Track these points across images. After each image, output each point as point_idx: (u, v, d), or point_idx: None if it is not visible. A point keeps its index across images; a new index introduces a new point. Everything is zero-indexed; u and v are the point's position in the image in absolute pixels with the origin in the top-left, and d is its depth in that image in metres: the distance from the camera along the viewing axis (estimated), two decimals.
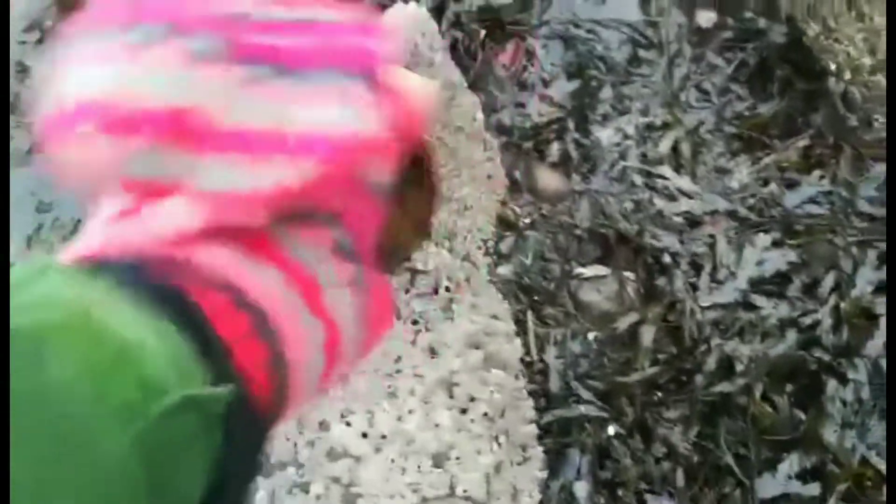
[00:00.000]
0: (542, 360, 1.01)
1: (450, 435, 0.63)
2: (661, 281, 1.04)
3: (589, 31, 1.16)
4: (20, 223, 1.11)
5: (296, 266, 0.24)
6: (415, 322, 0.63)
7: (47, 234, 1.09)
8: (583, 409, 1.00)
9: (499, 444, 0.66)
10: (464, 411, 0.64)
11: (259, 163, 0.22)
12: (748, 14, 1.16)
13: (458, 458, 0.64)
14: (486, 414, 0.64)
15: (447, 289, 0.63)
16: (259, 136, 0.23)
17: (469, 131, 0.93)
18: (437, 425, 0.63)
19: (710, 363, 1.00)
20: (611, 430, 0.99)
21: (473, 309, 0.64)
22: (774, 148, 1.10)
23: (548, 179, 1.11)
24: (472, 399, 0.63)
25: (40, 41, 1.16)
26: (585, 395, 1.01)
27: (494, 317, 0.64)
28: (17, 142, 1.13)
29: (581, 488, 0.97)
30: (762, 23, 1.15)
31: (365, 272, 0.27)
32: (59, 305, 0.19)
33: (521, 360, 0.77)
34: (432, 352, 0.63)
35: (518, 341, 0.66)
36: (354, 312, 0.26)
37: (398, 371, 0.63)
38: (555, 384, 1.01)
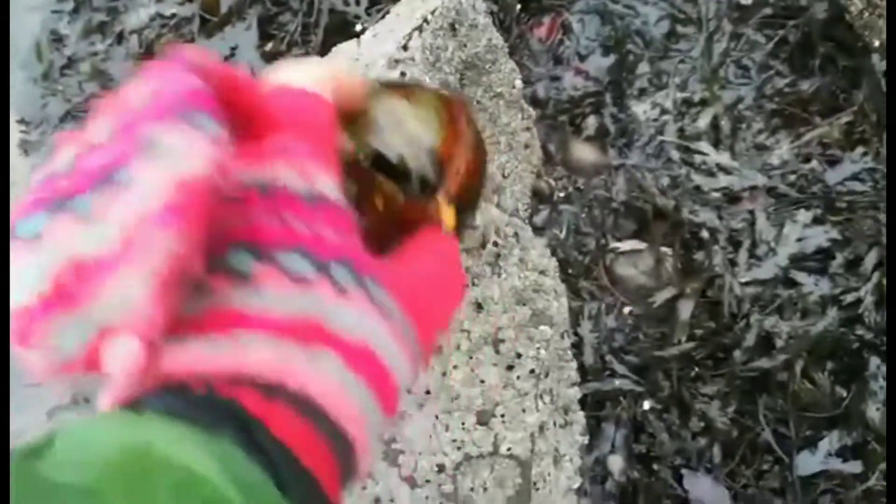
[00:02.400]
0: (576, 334, 1.00)
1: (495, 392, 0.62)
2: (699, 256, 1.03)
3: (626, 6, 1.15)
4: None
5: (348, 343, 0.24)
6: None
7: None
8: (617, 382, 0.98)
9: (544, 404, 0.64)
10: (510, 368, 0.62)
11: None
12: None
13: (503, 416, 0.63)
14: (532, 371, 0.63)
15: (495, 244, 0.62)
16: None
17: (508, 98, 0.92)
18: (482, 381, 0.62)
19: (749, 339, 0.98)
20: (646, 404, 0.98)
21: (521, 264, 0.63)
22: (816, 124, 1.08)
23: (583, 153, 1.09)
24: (519, 356, 0.62)
25: (75, 11, 1.16)
26: (620, 369, 0.99)
27: (542, 272, 0.63)
28: (52, 109, 1.13)
29: (615, 462, 0.95)
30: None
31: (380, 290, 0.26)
32: (116, 447, 0.19)
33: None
34: (479, 307, 0.62)
35: (565, 299, 0.65)
36: (392, 333, 0.25)
37: None
38: (589, 358, 0.99)
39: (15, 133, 1.13)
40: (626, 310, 1.02)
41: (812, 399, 0.95)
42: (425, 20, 0.72)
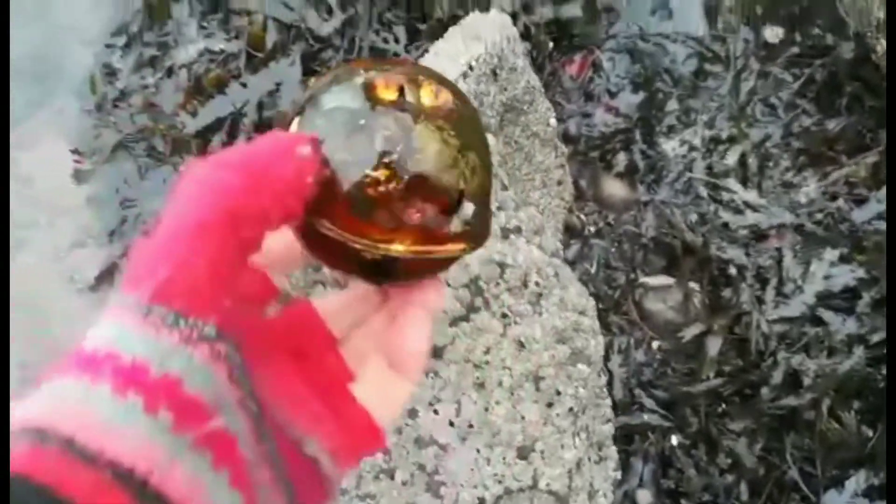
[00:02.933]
0: (605, 368, 1.02)
1: (535, 428, 0.65)
2: (726, 293, 1.05)
3: (655, 45, 1.18)
4: (104, 218, 1.16)
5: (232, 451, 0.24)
6: (504, 315, 0.65)
7: (130, 229, 1.14)
8: (646, 417, 1.00)
9: (581, 441, 0.67)
10: (549, 405, 0.65)
11: None
12: (816, 30, 1.16)
13: (542, 452, 0.65)
14: (571, 409, 0.66)
15: (536, 283, 0.65)
16: None
17: (543, 136, 0.95)
18: (523, 418, 0.65)
19: (777, 377, 0.99)
20: (674, 439, 1.00)
21: (561, 304, 0.66)
22: (842, 163, 1.10)
23: (614, 188, 1.12)
24: (558, 393, 0.65)
25: (127, 45, 1.22)
26: (649, 403, 1.01)
27: (581, 313, 0.66)
28: (104, 139, 1.18)
29: (644, 497, 0.97)
30: (830, 39, 1.15)
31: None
32: None
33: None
34: (521, 345, 0.65)
35: (601, 338, 0.68)
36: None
37: (487, 362, 0.64)
38: (618, 392, 1.02)
39: (69, 162, 1.19)
40: (655, 345, 1.04)
41: (839, 438, 0.97)
42: (470, 66, 0.75)
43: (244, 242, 0.25)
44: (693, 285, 1.06)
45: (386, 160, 0.28)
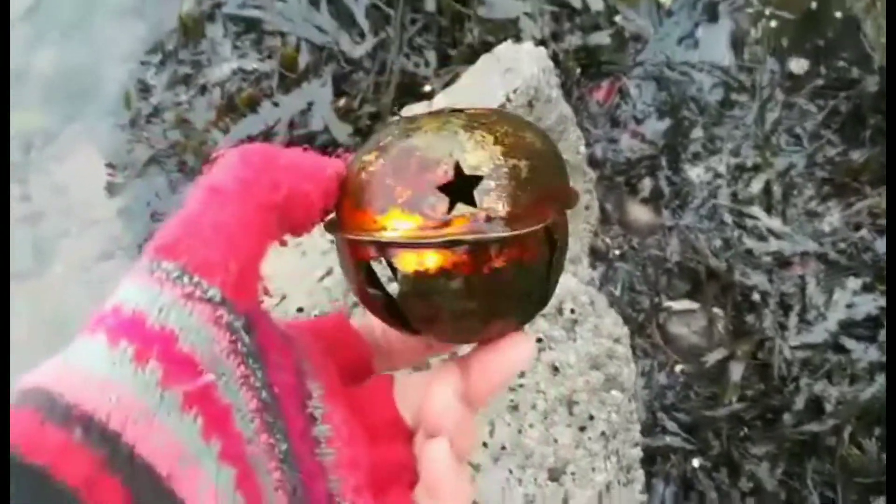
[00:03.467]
0: (636, 393, 1.03)
1: (567, 451, 0.66)
2: (749, 318, 1.06)
3: (682, 73, 1.20)
4: (135, 230, 1.18)
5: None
6: (539, 340, 0.66)
7: None
8: (668, 439, 1.01)
9: (611, 464, 0.68)
10: (582, 429, 0.66)
11: None
12: (841, 63, 1.18)
13: (573, 474, 0.67)
14: (602, 433, 0.67)
15: (572, 311, 0.67)
16: None
17: (573, 163, 0.97)
18: (555, 440, 0.66)
19: (799, 402, 1.00)
20: (696, 462, 1.01)
21: (596, 331, 0.67)
22: (866, 194, 1.11)
23: (639, 213, 1.14)
24: (591, 418, 0.66)
25: (162, 63, 1.24)
26: (671, 426, 1.02)
27: (616, 340, 0.67)
28: (137, 154, 1.20)
29: None
30: (855, 72, 1.17)
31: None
32: None
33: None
34: (555, 370, 0.66)
35: (634, 365, 0.69)
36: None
37: (521, 385, 0.66)
38: (641, 414, 1.02)
39: (102, 176, 1.21)
40: (679, 368, 1.05)
41: (859, 465, 0.97)
42: (508, 98, 0.77)
43: (258, 214, 0.24)
44: (717, 310, 1.07)
45: (380, 143, 0.27)
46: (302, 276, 0.70)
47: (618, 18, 1.21)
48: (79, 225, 1.20)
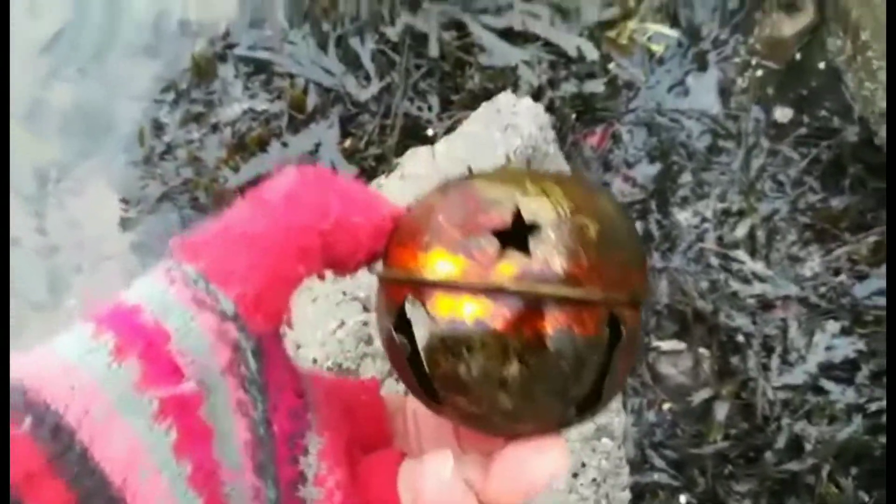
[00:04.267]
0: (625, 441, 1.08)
1: (560, 496, 0.71)
2: (734, 359, 1.11)
3: (672, 121, 1.26)
4: (146, 265, 1.23)
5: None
6: None
7: None
8: (656, 476, 1.06)
9: None
10: (575, 475, 0.71)
11: None
12: (823, 113, 1.24)
13: None
14: (594, 479, 0.72)
15: None
16: None
17: None
18: (551, 486, 0.71)
19: (780, 441, 1.06)
20: (682, 498, 1.06)
21: None
22: (845, 240, 1.17)
23: None
24: (583, 465, 0.71)
25: (175, 101, 1.29)
26: (659, 463, 1.07)
27: None
28: (150, 190, 1.25)
29: None
30: (836, 122, 1.23)
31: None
32: None
33: None
34: None
35: (624, 415, 0.74)
36: None
37: None
38: (630, 450, 1.08)
39: (116, 210, 1.26)
40: (666, 406, 1.10)
41: (837, 502, 1.02)
42: (508, 158, 0.83)
43: (299, 238, 0.22)
44: (703, 351, 1.13)
45: (442, 186, 0.25)
46: (315, 327, 0.75)
47: (611, 66, 1.26)
48: (92, 259, 1.25)
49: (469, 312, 0.22)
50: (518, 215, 0.22)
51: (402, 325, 0.24)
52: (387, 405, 0.28)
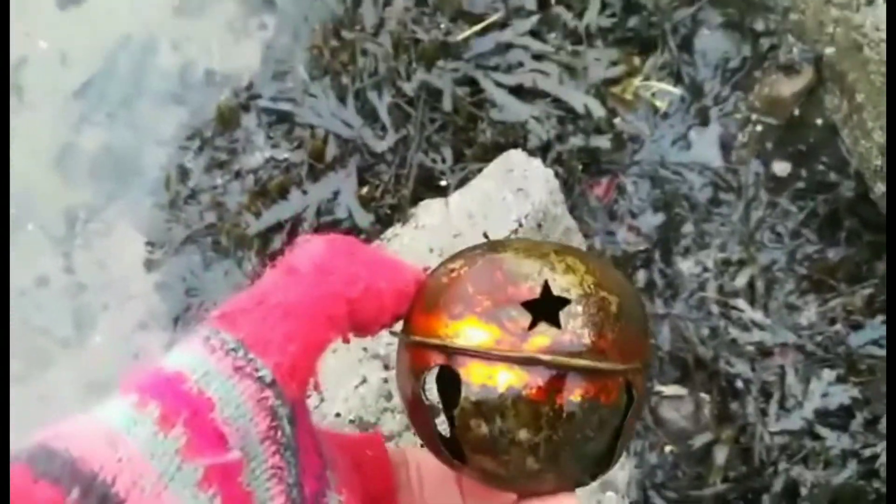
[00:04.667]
0: (628, 494, 1.13)
1: None
2: (734, 405, 1.16)
3: (675, 173, 1.32)
4: (170, 304, 1.28)
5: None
6: None
7: (193, 316, 1.26)
8: None
9: None
10: None
11: None
12: (820, 167, 1.30)
13: None
14: None
15: None
16: None
17: None
18: None
19: (777, 485, 1.10)
20: None
21: None
22: (841, 292, 1.22)
23: None
24: None
25: (200, 149, 1.36)
26: (660, 503, 1.12)
27: None
28: (175, 233, 1.31)
29: None
30: (833, 176, 1.29)
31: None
32: None
33: None
34: None
35: (628, 470, 0.79)
36: None
37: None
38: (633, 492, 1.12)
39: (141, 252, 1.32)
40: (668, 449, 1.15)
41: None
42: (520, 223, 0.88)
43: (330, 304, 0.23)
44: (704, 396, 1.17)
45: (468, 253, 0.26)
46: (337, 384, 0.80)
47: (617, 121, 1.32)
48: (118, 298, 1.30)
49: (503, 380, 0.23)
50: (545, 288, 0.24)
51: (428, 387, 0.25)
52: (391, 458, 0.29)
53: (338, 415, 0.77)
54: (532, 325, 0.23)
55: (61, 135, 1.39)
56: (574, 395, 0.23)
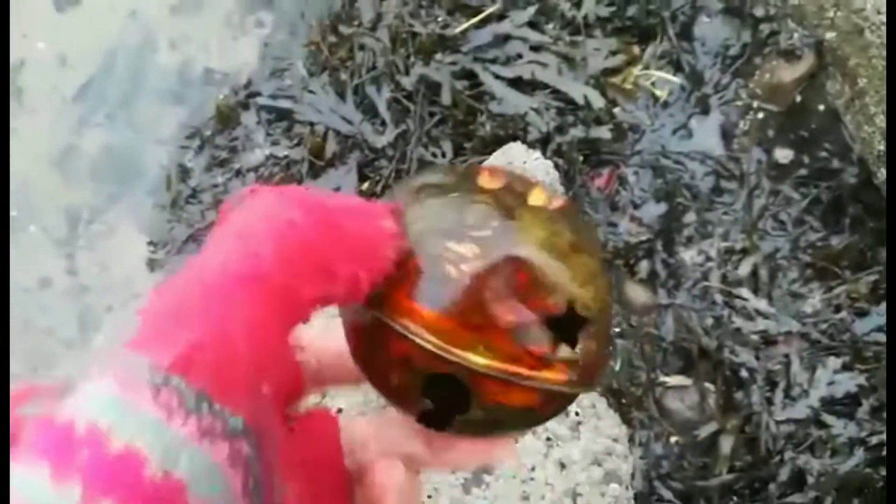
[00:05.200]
0: (632, 484, 1.12)
1: None
2: (739, 394, 1.15)
3: (676, 162, 1.31)
4: None
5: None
6: (548, 439, 0.76)
7: None
8: None
9: None
10: None
11: None
12: (823, 154, 1.29)
13: None
14: None
15: (576, 413, 0.76)
16: None
17: None
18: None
19: (783, 474, 1.10)
20: None
21: (596, 431, 0.77)
22: (845, 279, 1.21)
23: (636, 293, 1.24)
24: None
25: (200, 147, 1.36)
26: (666, 494, 1.11)
27: (615, 440, 0.77)
28: (177, 233, 1.31)
29: None
30: (836, 163, 1.28)
31: None
32: None
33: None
34: (561, 465, 0.75)
35: (632, 461, 0.79)
36: None
37: (532, 479, 0.75)
38: (638, 482, 1.12)
39: (143, 252, 1.32)
40: (673, 440, 1.15)
41: None
42: None
43: (296, 310, 0.20)
44: (708, 386, 1.17)
45: (475, 234, 0.22)
46: None
47: (617, 111, 1.32)
48: (121, 298, 1.31)
49: (518, 401, 0.22)
50: (570, 303, 0.22)
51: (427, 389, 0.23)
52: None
53: (340, 410, 0.77)
54: (553, 346, 0.22)
55: (61, 136, 1.39)
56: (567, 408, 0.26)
